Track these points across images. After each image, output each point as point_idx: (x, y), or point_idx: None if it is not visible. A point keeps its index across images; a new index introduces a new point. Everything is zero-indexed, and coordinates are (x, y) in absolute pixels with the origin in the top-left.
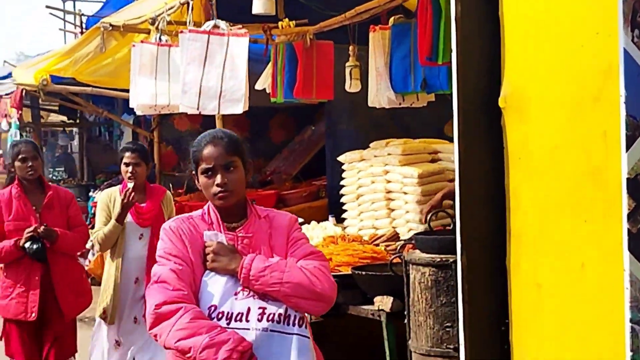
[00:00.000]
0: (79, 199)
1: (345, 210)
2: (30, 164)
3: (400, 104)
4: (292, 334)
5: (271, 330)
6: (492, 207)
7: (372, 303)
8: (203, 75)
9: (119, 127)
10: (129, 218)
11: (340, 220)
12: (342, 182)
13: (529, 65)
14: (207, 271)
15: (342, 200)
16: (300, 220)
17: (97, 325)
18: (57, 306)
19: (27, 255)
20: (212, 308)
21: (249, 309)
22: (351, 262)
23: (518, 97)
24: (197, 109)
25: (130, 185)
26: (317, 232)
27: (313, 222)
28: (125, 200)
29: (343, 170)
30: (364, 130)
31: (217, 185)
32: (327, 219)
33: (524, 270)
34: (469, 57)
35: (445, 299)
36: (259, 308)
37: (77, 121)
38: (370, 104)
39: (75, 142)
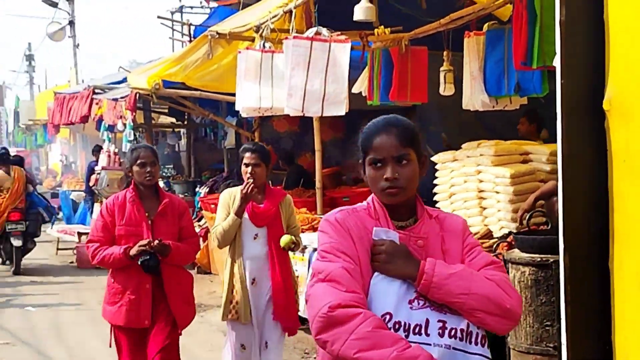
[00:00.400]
0: (186, 194)
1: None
2: (148, 169)
3: (493, 106)
4: (475, 354)
5: (454, 348)
6: (596, 209)
7: None
8: (307, 80)
9: (223, 128)
10: (245, 216)
11: None
12: (435, 182)
13: (633, 68)
14: (375, 273)
15: (435, 198)
16: None
17: (229, 329)
18: (165, 316)
19: (142, 268)
20: (387, 316)
21: (427, 321)
22: None
23: (622, 99)
24: (302, 111)
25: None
26: None
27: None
28: (244, 192)
29: (435, 170)
30: (452, 131)
31: (387, 179)
32: None
33: (628, 272)
34: (574, 60)
35: (545, 298)
36: (439, 321)
37: (185, 122)
38: (464, 107)
39: (182, 142)
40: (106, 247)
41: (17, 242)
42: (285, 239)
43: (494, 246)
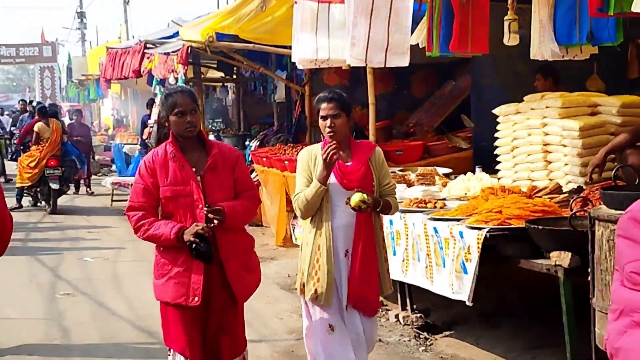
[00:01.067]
0: (236, 147)
1: (493, 162)
2: (188, 119)
3: (563, 56)
4: None
5: None
6: None
7: (542, 257)
8: (370, 28)
9: (273, 82)
10: (332, 179)
11: (487, 172)
12: (496, 135)
13: None
14: None
15: (496, 152)
16: (448, 170)
17: (308, 307)
18: (225, 290)
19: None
20: None
21: None
22: (522, 216)
23: None
24: (365, 61)
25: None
26: (473, 183)
27: (469, 173)
28: (326, 158)
29: (495, 123)
30: (507, 84)
31: None
32: (472, 170)
33: None
34: None
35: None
36: None
37: (235, 76)
38: (532, 57)
39: (230, 96)
40: (152, 221)
41: (54, 185)
42: (355, 198)
43: (570, 203)
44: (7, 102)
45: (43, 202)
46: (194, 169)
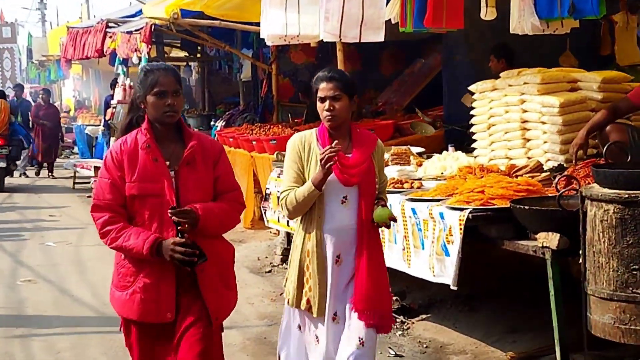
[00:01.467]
0: (200, 128)
1: (465, 141)
2: (169, 101)
3: (544, 30)
4: None
5: None
6: None
7: (526, 238)
8: (344, 2)
9: (239, 60)
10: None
11: (460, 150)
12: (472, 112)
13: None
14: None
15: (472, 129)
16: (421, 150)
17: (287, 312)
18: (198, 306)
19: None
20: None
21: None
22: (505, 195)
23: None
24: (339, 36)
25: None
26: (449, 162)
27: (444, 152)
28: (325, 161)
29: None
30: (479, 61)
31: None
32: (444, 149)
33: None
34: None
35: (632, 239)
36: None
37: (199, 55)
38: (512, 31)
39: (193, 76)
40: (121, 227)
41: (1, 164)
42: (381, 213)
43: (555, 181)
44: None
45: None
46: (167, 163)
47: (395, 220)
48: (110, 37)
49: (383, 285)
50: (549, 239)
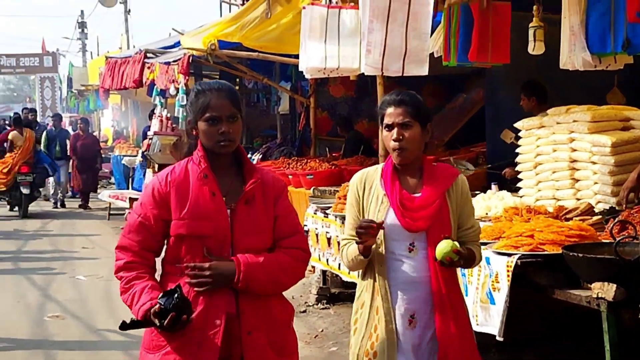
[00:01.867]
0: None
1: (513, 180)
2: (223, 128)
3: (595, 66)
4: None
5: None
6: None
7: (579, 287)
8: (387, 34)
9: (277, 93)
10: (390, 217)
11: (503, 189)
12: (517, 150)
13: None
14: None
15: (518, 168)
16: None
17: None
18: None
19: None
20: None
21: None
22: (557, 241)
23: None
24: (381, 69)
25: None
26: (494, 201)
27: (489, 191)
28: (359, 236)
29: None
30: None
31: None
32: (487, 187)
33: None
34: None
35: None
36: None
37: (237, 88)
38: (562, 66)
39: None
40: (134, 277)
41: (25, 190)
42: (443, 247)
43: (610, 227)
44: (8, 112)
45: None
46: (224, 198)
47: (461, 253)
48: (149, 67)
49: (471, 351)
50: (604, 290)
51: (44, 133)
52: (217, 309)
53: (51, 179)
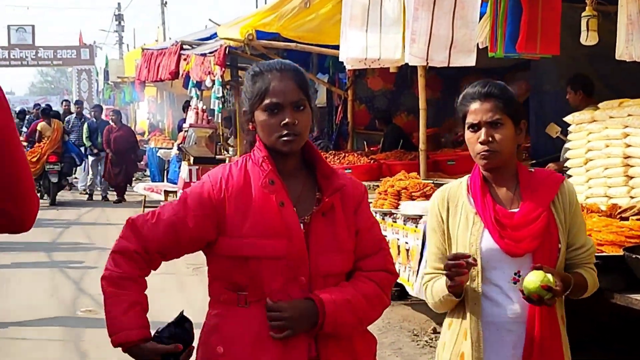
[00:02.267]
0: None
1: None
2: (286, 119)
3: None
4: None
5: None
6: None
7: (638, 291)
8: (433, 23)
9: (314, 85)
10: (486, 240)
11: None
12: (567, 145)
13: None
14: None
15: (567, 164)
16: None
17: None
18: None
19: None
20: None
21: None
22: (616, 242)
23: None
24: (426, 59)
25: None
26: None
27: None
28: (448, 276)
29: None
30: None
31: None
32: None
33: None
34: None
35: None
36: None
37: None
38: (618, 57)
39: None
40: (120, 277)
41: (54, 179)
42: (532, 282)
43: None
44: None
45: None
46: (294, 208)
47: (553, 291)
48: (185, 59)
49: None
50: None
51: (85, 125)
52: (296, 342)
53: (79, 169)
